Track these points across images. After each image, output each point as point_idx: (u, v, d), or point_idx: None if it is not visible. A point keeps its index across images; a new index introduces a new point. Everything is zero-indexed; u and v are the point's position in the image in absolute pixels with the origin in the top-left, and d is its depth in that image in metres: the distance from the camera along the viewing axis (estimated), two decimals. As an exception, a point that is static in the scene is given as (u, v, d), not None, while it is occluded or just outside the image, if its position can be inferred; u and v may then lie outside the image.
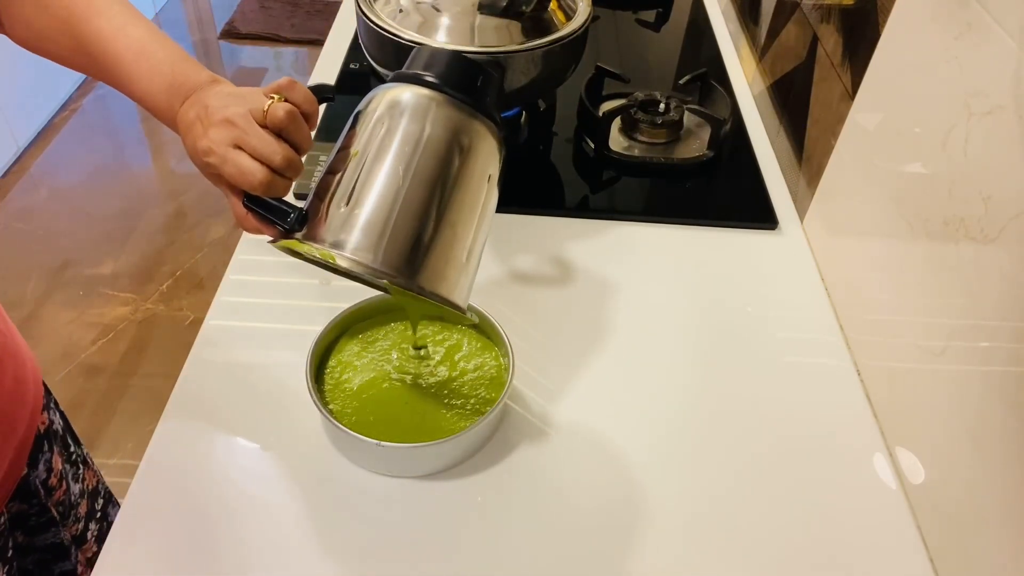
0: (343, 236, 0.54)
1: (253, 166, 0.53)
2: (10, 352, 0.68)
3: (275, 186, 0.54)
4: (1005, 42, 0.55)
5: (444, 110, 0.56)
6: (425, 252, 0.54)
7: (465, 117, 0.57)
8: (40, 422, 0.72)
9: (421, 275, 0.54)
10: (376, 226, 0.53)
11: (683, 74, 1.07)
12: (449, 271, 0.55)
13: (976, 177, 0.57)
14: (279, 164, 0.53)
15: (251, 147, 0.53)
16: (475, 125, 0.57)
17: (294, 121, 0.54)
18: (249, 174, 0.53)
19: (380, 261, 0.53)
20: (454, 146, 0.56)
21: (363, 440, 0.60)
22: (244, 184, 0.54)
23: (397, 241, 0.54)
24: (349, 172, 0.55)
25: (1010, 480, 0.52)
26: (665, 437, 0.68)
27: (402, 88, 0.57)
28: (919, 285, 0.65)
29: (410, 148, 0.55)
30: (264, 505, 0.61)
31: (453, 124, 0.56)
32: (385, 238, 0.53)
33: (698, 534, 0.61)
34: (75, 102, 2.76)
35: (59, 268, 2.13)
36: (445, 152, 0.55)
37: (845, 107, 0.80)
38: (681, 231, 0.89)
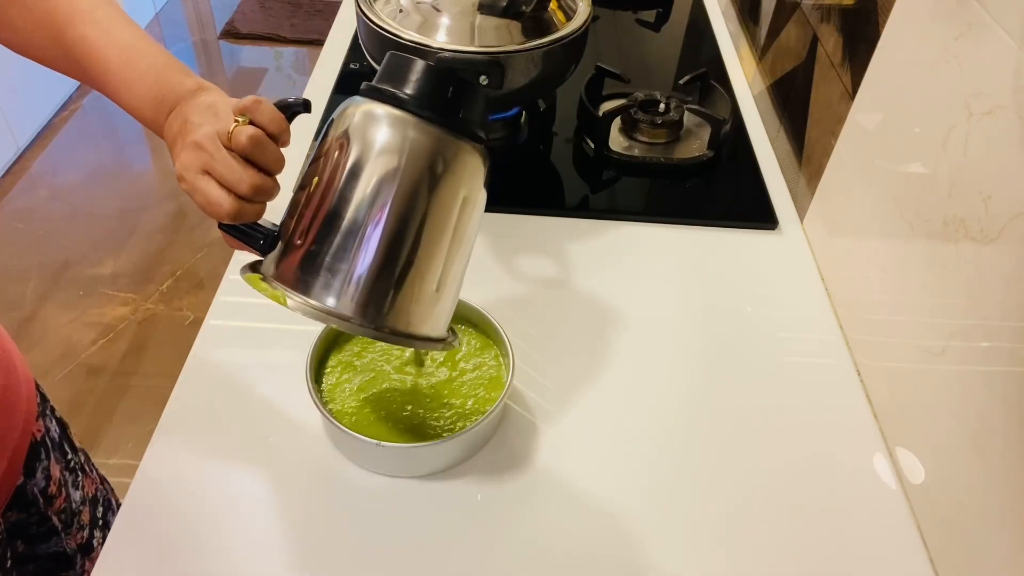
0: (298, 278, 0.50)
1: (220, 196, 0.51)
2: (2, 366, 0.66)
3: (244, 213, 0.52)
4: (1005, 42, 0.55)
5: (418, 137, 0.51)
6: (387, 293, 0.51)
7: (442, 140, 0.52)
8: (35, 430, 0.71)
9: (384, 317, 0.51)
10: (334, 269, 0.50)
11: (683, 74, 1.07)
12: (416, 307, 0.52)
13: (976, 177, 0.57)
14: (245, 192, 0.51)
15: (218, 174, 0.51)
16: (452, 148, 0.52)
17: (258, 146, 0.51)
18: (216, 204, 0.51)
19: (339, 306, 0.50)
20: (425, 176, 0.51)
21: (363, 440, 0.60)
22: (212, 214, 0.51)
23: (358, 284, 0.50)
24: (311, 201, 0.52)
25: (1010, 480, 0.52)
26: (665, 436, 0.68)
27: (374, 106, 0.52)
28: (919, 285, 0.65)
29: (377, 180, 0.50)
30: (264, 505, 0.61)
31: (427, 151, 0.51)
32: (346, 282, 0.50)
33: (698, 533, 0.61)
34: (75, 102, 2.76)
35: (59, 268, 2.13)
36: (415, 183, 0.51)
37: (845, 107, 0.80)
38: (681, 231, 0.89)
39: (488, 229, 0.87)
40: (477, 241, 0.85)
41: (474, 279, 0.80)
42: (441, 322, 0.54)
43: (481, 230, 0.86)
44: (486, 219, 0.87)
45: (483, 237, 0.86)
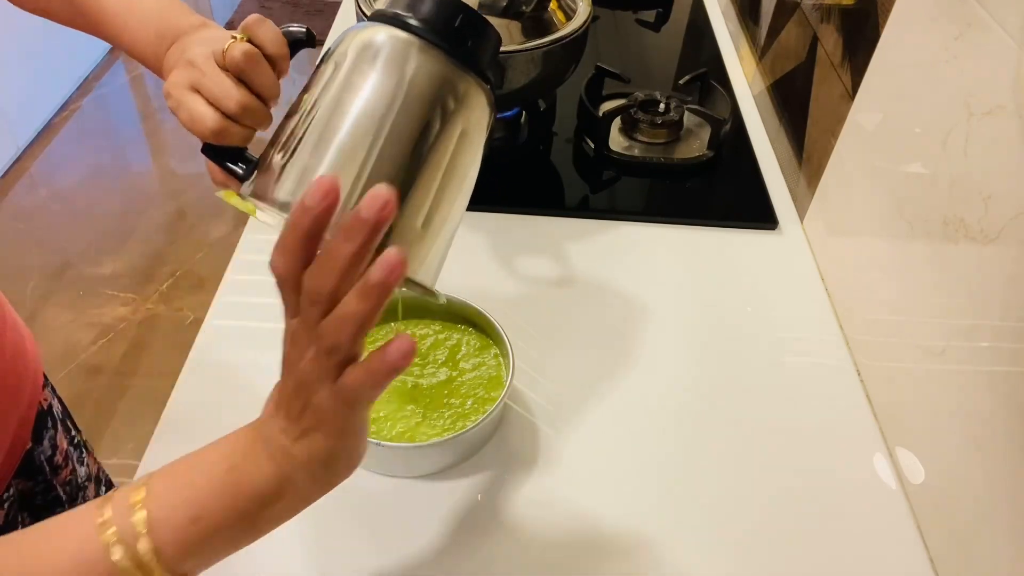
0: (273, 190, 0.46)
1: (205, 111, 0.48)
2: (9, 324, 0.68)
3: (228, 133, 0.49)
4: (1005, 42, 0.55)
5: (422, 60, 0.46)
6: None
7: (446, 68, 0.47)
8: (42, 399, 0.73)
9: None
10: (309, 181, 0.44)
11: (683, 74, 1.07)
12: (396, 238, 0.46)
13: (976, 177, 0.57)
14: (232, 109, 0.48)
15: (206, 90, 0.48)
16: (455, 79, 0.47)
17: (253, 63, 0.48)
18: (200, 120, 0.48)
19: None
20: (421, 100, 0.46)
21: (363, 440, 0.60)
22: (195, 130, 0.49)
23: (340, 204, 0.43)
24: (299, 121, 0.47)
25: (1010, 480, 0.52)
26: (664, 436, 0.68)
27: (377, 29, 0.47)
28: (919, 285, 0.65)
29: (368, 98, 0.46)
30: (264, 505, 0.61)
31: (428, 75, 0.46)
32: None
33: (697, 532, 0.61)
34: (75, 102, 2.76)
35: (59, 268, 2.13)
36: (409, 105, 0.46)
37: (845, 107, 0.80)
38: (681, 231, 0.89)
39: (488, 229, 0.87)
40: (477, 240, 0.85)
41: (474, 279, 0.80)
42: (422, 264, 0.48)
43: (481, 230, 0.86)
44: (486, 219, 0.87)
45: (483, 237, 0.86)
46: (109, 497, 0.38)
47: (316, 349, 0.36)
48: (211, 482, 0.38)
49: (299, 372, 0.38)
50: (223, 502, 0.38)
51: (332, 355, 0.36)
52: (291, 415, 0.38)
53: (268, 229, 0.85)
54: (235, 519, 0.38)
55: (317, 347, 0.36)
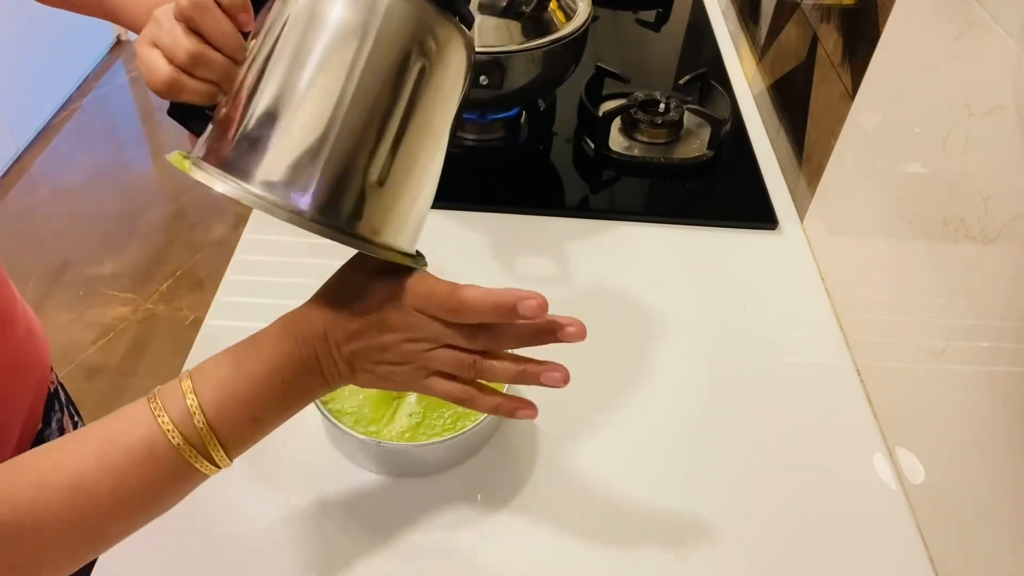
0: (219, 149, 0.43)
1: (159, 63, 0.46)
2: (20, 306, 0.69)
3: (181, 86, 0.46)
4: (1005, 42, 0.55)
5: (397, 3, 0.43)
6: (312, 174, 0.42)
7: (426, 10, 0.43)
8: (50, 381, 0.74)
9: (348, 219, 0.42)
10: (252, 139, 0.42)
11: (683, 74, 1.07)
12: (350, 198, 0.43)
13: (976, 177, 0.57)
14: (181, 59, 0.45)
15: (160, 42, 0.47)
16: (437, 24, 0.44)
17: (201, 11, 0.45)
18: (154, 71, 0.46)
19: (255, 184, 0.41)
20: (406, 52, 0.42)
21: (363, 440, 0.60)
22: (151, 85, 0.47)
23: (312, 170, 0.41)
24: (247, 68, 0.44)
25: (1010, 480, 0.52)
26: (664, 436, 0.68)
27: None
28: (919, 285, 0.65)
29: (308, 35, 0.42)
30: (264, 505, 0.61)
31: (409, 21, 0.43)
32: (266, 156, 0.41)
33: (697, 531, 0.61)
34: (75, 102, 2.76)
35: (59, 268, 2.13)
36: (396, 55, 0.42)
37: (845, 107, 0.80)
38: (681, 231, 0.89)
39: (488, 229, 0.87)
40: (477, 240, 0.85)
41: (474, 279, 0.80)
42: (386, 225, 0.44)
43: (481, 230, 0.86)
44: (486, 219, 0.87)
45: (483, 237, 0.85)
46: (155, 394, 0.44)
47: (456, 357, 0.46)
48: (266, 391, 0.45)
49: (414, 347, 0.46)
50: (277, 404, 0.46)
51: (464, 370, 0.47)
52: (371, 355, 0.46)
53: (268, 230, 0.85)
54: (285, 414, 0.47)
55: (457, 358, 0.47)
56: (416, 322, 0.45)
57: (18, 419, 0.66)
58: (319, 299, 0.48)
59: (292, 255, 0.82)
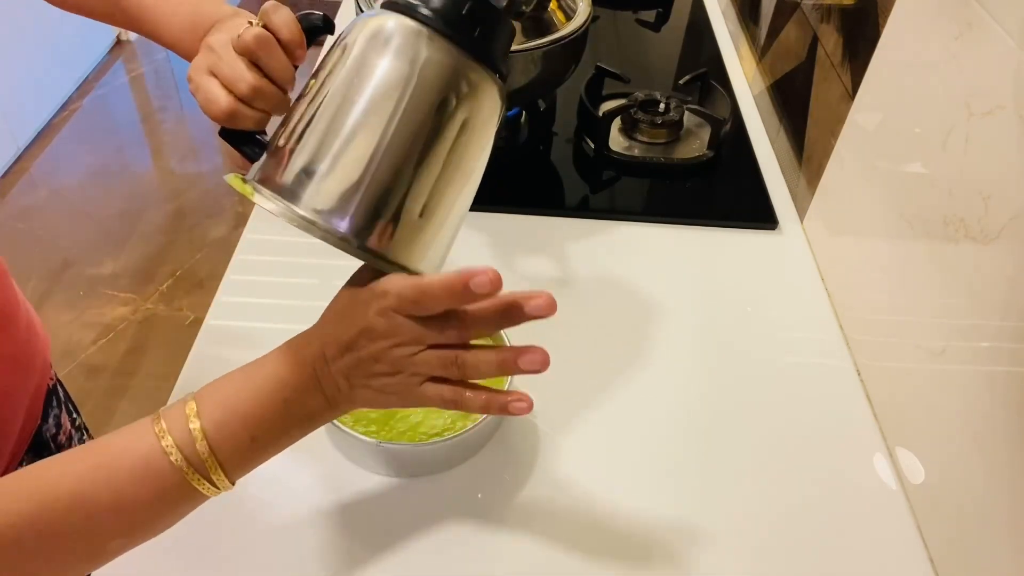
0: (274, 176, 0.46)
1: (219, 93, 0.50)
2: (21, 304, 0.70)
3: (240, 115, 0.50)
4: (1005, 42, 0.55)
5: (434, 51, 0.46)
6: (361, 201, 0.45)
7: (455, 58, 0.47)
8: (49, 377, 0.74)
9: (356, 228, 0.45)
10: (308, 169, 0.45)
11: (683, 74, 1.07)
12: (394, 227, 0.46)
13: (976, 177, 0.57)
14: (243, 92, 0.49)
15: (221, 73, 0.50)
16: (464, 69, 0.47)
17: (263, 47, 0.49)
18: (213, 101, 0.50)
19: (306, 207, 0.45)
20: (441, 97, 0.46)
21: (363, 440, 0.60)
22: (210, 112, 0.50)
23: (330, 186, 0.45)
24: (305, 107, 0.47)
25: (1010, 480, 0.52)
26: (664, 436, 0.68)
27: (387, 17, 0.47)
28: (919, 285, 0.65)
29: (370, 84, 0.46)
30: (263, 505, 0.61)
31: (444, 69, 0.46)
32: (318, 183, 0.45)
33: (697, 531, 0.61)
34: (75, 102, 2.76)
35: (59, 268, 2.13)
36: (408, 91, 0.46)
37: (845, 107, 0.80)
38: (681, 231, 0.89)
39: (488, 229, 0.87)
40: (477, 240, 0.85)
41: (474, 279, 0.80)
42: (421, 255, 0.48)
43: (481, 230, 0.86)
44: (486, 219, 0.87)
45: (483, 237, 0.86)
46: (159, 415, 0.44)
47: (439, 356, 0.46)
48: (266, 411, 0.45)
49: (400, 352, 0.45)
50: (277, 425, 0.46)
51: (448, 368, 0.46)
52: (364, 367, 0.46)
53: (268, 230, 0.85)
54: (287, 437, 0.47)
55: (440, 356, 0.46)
56: (398, 324, 0.45)
57: (19, 413, 0.67)
58: (320, 321, 0.48)
59: (292, 255, 0.82)
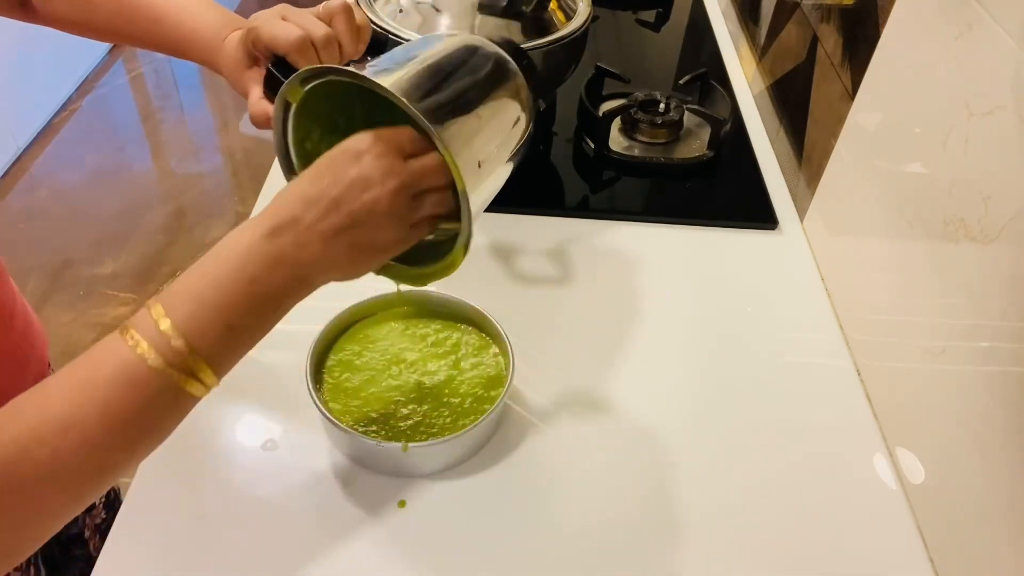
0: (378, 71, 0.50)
1: (294, 27, 0.54)
2: (19, 303, 0.70)
3: (307, 52, 0.55)
4: (1005, 42, 0.55)
5: (513, 69, 0.58)
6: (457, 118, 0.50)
7: (524, 84, 0.59)
8: (46, 375, 0.74)
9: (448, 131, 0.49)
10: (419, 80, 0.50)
11: (683, 74, 1.07)
12: (465, 154, 0.50)
13: (976, 177, 0.57)
14: (319, 36, 0.54)
15: (298, 20, 0.55)
16: (526, 91, 0.59)
17: (347, 14, 0.56)
18: (288, 30, 0.54)
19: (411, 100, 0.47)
20: (508, 90, 0.57)
21: (363, 440, 0.60)
22: (280, 38, 0.54)
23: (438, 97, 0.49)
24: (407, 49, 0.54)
25: (1010, 480, 0.52)
26: (664, 435, 0.68)
27: (487, 43, 0.59)
28: (919, 285, 0.65)
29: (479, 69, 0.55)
30: (264, 504, 0.61)
31: (516, 78, 0.58)
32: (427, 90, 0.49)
33: (698, 531, 0.61)
34: (75, 102, 2.76)
35: (59, 268, 2.13)
36: (501, 86, 0.56)
37: (845, 107, 0.80)
38: (681, 231, 0.89)
39: (488, 229, 0.87)
40: (477, 240, 0.85)
41: (474, 279, 0.80)
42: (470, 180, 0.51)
43: (482, 230, 0.86)
44: (487, 219, 0.88)
45: (483, 237, 0.86)
46: (125, 326, 0.43)
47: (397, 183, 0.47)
48: (235, 294, 0.44)
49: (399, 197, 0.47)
50: (250, 307, 0.44)
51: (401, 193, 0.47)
52: (353, 221, 0.46)
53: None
54: (263, 320, 0.46)
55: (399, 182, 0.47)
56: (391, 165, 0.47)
57: None
58: (288, 189, 0.47)
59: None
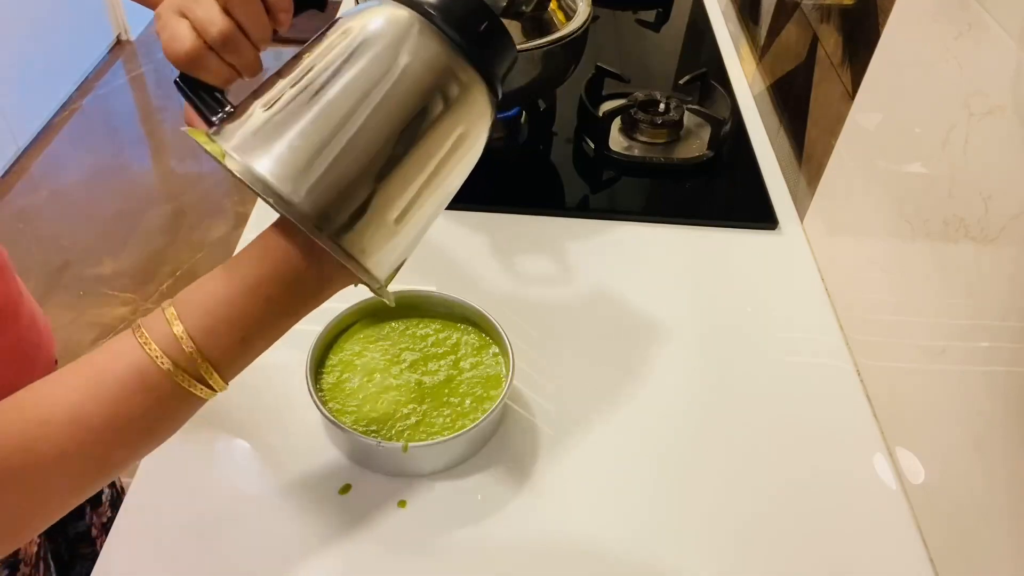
0: (246, 141, 0.44)
1: (186, 33, 0.46)
2: (25, 299, 0.70)
3: (204, 62, 0.47)
4: (1005, 42, 0.55)
5: (436, 49, 0.45)
6: (343, 195, 0.43)
7: (459, 64, 0.46)
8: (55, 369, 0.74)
9: (342, 230, 0.43)
10: (302, 146, 0.43)
11: (683, 74, 1.07)
12: (366, 228, 0.44)
13: (976, 177, 0.57)
14: (212, 36, 0.46)
15: (192, 14, 0.46)
16: (466, 78, 0.46)
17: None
18: (179, 40, 0.46)
19: (287, 192, 0.42)
20: (429, 91, 0.45)
21: (363, 440, 0.60)
22: (171, 51, 0.47)
23: (323, 174, 0.43)
24: (293, 80, 0.46)
25: (1010, 480, 0.52)
26: (664, 436, 0.68)
27: (398, 9, 0.46)
28: (919, 285, 0.65)
29: (374, 74, 0.44)
30: (264, 504, 0.61)
31: (441, 67, 0.45)
32: (309, 165, 0.43)
33: (698, 531, 0.61)
34: (75, 102, 2.76)
35: (59, 268, 2.13)
36: (415, 92, 0.45)
37: (845, 107, 0.80)
38: (681, 231, 0.89)
39: (488, 229, 0.87)
40: (477, 240, 0.85)
41: (474, 279, 0.80)
42: (386, 263, 0.47)
43: (481, 230, 0.86)
44: (487, 219, 0.87)
45: (483, 237, 0.86)
46: (138, 324, 0.43)
47: None
48: (251, 311, 0.45)
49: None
50: (265, 322, 0.46)
51: None
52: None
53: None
54: (276, 330, 0.47)
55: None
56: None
57: None
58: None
59: (292, 255, 0.82)
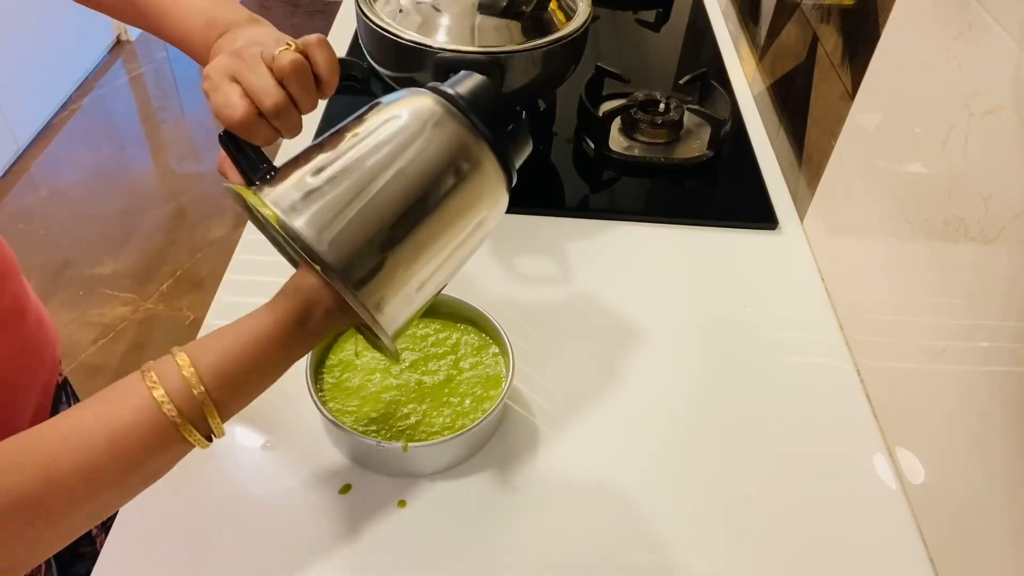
0: (293, 201, 0.48)
1: (240, 101, 0.49)
2: (31, 299, 0.71)
3: (255, 128, 0.50)
4: (1005, 42, 0.55)
5: (456, 130, 0.51)
6: (375, 258, 0.48)
7: (477, 147, 0.51)
8: (58, 372, 0.75)
9: (361, 282, 0.47)
10: (335, 207, 0.47)
11: (683, 74, 1.07)
12: (391, 293, 0.49)
13: (976, 177, 0.57)
14: (267, 107, 0.49)
15: (246, 81, 0.49)
16: (484, 160, 0.52)
17: (299, 74, 0.49)
18: (232, 107, 0.49)
19: (319, 244, 0.46)
20: (451, 167, 0.50)
21: (363, 440, 0.60)
22: (224, 116, 0.49)
23: (350, 232, 0.47)
24: (334, 148, 0.50)
25: (1010, 480, 0.52)
26: (664, 436, 0.68)
27: (426, 96, 0.52)
28: (919, 285, 0.65)
29: (417, 160, 0.49)
30: (264, 504, 0.61)
31: (460, 146, 0.51)
32: (339, 223, 0.47)
33: (698, 532, 0.61)
34: (75, 102, 2.76)
35: (59, 268, 2.13)
36: (441, 167, 0.50)
37: (845, 107, 0.80)
38: (681, 231, 0.89)
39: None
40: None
41: (474, 279, 0.80)
42: (399, 325, 0.51)
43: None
44: (486, 219, 0.88)
45: (483, 237, 0.86)
46: (147, 368, 0.44)
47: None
48: (264, 371, 0.48)
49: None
50: (270, 372, 0.49)
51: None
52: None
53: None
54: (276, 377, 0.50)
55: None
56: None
57: (29, 406, 0.68)
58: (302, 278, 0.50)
59: (292, 255, 0.82)
